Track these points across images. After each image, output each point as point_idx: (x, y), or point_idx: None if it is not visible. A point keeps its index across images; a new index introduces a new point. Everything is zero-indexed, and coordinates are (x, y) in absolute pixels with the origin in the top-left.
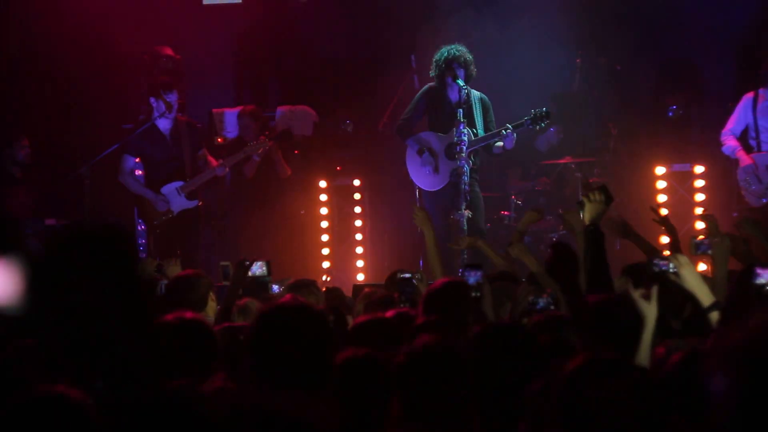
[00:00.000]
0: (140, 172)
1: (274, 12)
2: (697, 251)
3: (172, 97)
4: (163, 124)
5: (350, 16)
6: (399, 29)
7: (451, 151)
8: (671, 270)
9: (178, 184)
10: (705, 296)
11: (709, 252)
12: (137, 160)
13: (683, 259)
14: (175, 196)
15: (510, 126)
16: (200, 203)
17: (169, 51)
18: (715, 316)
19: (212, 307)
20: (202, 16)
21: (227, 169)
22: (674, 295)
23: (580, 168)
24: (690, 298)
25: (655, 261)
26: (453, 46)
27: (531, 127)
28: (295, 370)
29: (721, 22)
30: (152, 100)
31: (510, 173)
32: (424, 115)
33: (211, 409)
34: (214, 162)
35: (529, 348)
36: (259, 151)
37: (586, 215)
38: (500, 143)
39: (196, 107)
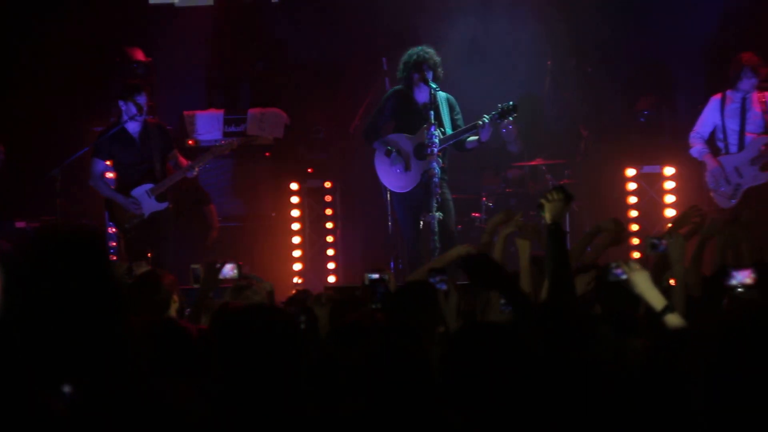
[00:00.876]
0: (111, 175)
1: (246, 14)
2: (653, 251)
3: (142, 100)
4: (133, 127)
5: (322, 19)
6: (370, 32)
7: (421, 151)
8: (623, 277)
9: (149, 186)
10: (656, 301)
11: (665, 251)
12: (108, 163)
13: (634, 264)
14: (145, 199)
15: (486, 117)
16: (170, 205)
17: (140, 53)
18: (672, 318)
19: (176, 308)
20: (174, 18)
21: (197, 170)
22: (630, 294)
23: (551, 170)
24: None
25: (611, 268)
26: (421, 48)
27: (499, 120)
28: (263, 374)
29: (690, 25)
30: (122, 102)
31: (483, 175)
32: (391, 118)
33: (183, 410)
34: (185, 163)
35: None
36: (226, 152)
37: (547, 215)
38: (474, 137)
39: (168, 109)
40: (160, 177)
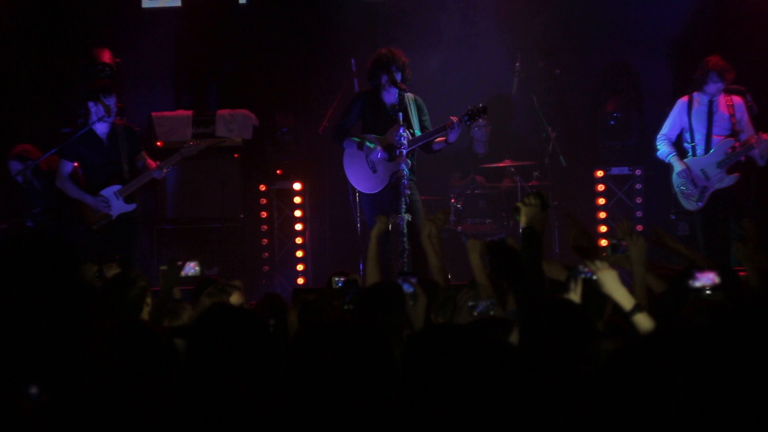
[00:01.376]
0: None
1: (214, 16)
2: (614, 252)
3: (111, 101)
4: (101, 128)
5: (290, 20)
6: (339, 33)
7: (390, 152)
8: (593, 277)
9: (116, 187)
10: (625, 300)
11: (625, 252)
12: (75, 164)
13: (600, 264)
14: (113, 200)
15: (455, 121)
16: (139, 207)
17: (107, 54)
18: (640, 318)
19: (148, 310)
20: (142, 19)
21: (165, 172)
22: (597, 297)
23: (519, 171)
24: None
25: (579, 268)
26: (389, 49)
27: (469, 122)
28: (232, 374)
29: (657, 27)
30: (91, 104)
31: (450, 177)
32: (359, 119)
33: (148, 411)
34: (153, 165)
35: (462, 349)
36: (195, 153)
37: (522, 219)
38: (442, 138)
39: (136, 111)
40: (128, 178)
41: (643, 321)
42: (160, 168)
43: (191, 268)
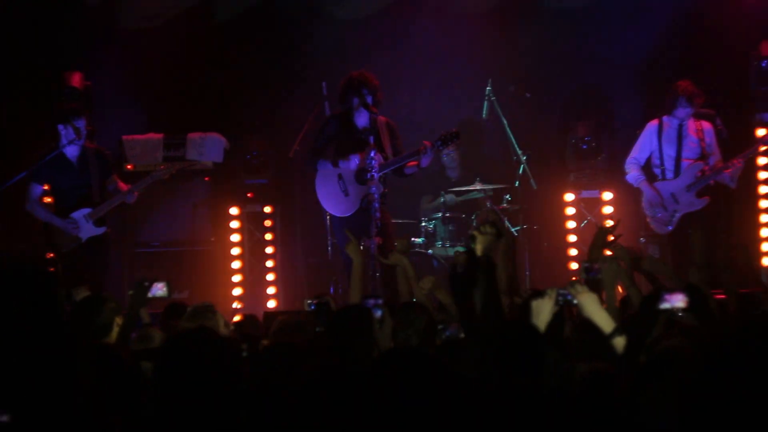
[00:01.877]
0: (49, 200)
1: (186, 39)
2: (587, 275)
3: (81, 124)
4: (72, 151)
5: (262, 43)
6: (310, 56)
7: (362, 176)
8: (574, 301)
9: (87, 211)
10: (605, 323)
11: (599, 276)
12: (45, 187)
13: (581, 287)
14: (83, 223)
15: (427, 146)
16: (109, 230)
17: (78, 77)
18: (620, 341)
19: (117, 333)
20: (113, 41)
21: (136, 195)
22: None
23: (490, 195)
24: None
25: (560, 291)
26: (361, 72)
27: (441, 147)
28: (201, 400)
29: (627, 51)
30: (61, 127)
31: (422, 200)
32: (331, 142)
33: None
34: (125, 188)
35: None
36: (166, 177)
37: (478, 247)
38: (414, 163)
39: (107, 134)
40: (98, 202)
41: (622, 344)
42: (131, 191)
43: (158, 289)
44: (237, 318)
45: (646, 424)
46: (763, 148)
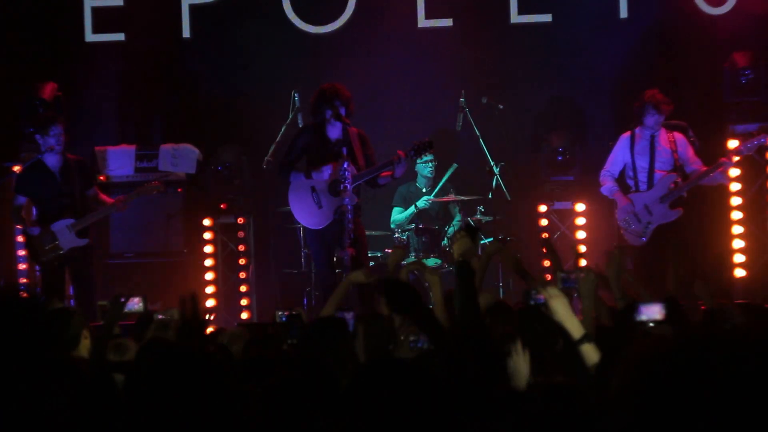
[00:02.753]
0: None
1: (158, 49)
2: (563, 285)
3: (57, 131)
4: (52, 161)
5: (233, 53)
6: (282, 66)
7: (335, 188)
8: (543, 302)
9: (69, 221)
10: (574, 329)
11: (575, 286)
12: (26, 198)
13: (553, 291)
14: (65, 234)
15: (401, 154)
16: (90, 242)
17: (50, 89)
18: (588, 349)
19: (86, 345)
20: (85, 52)
21: (125, 208)
22: (549, 327)
23: (463, 206)
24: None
25: (532, 294)
26: (333, 84)
27: (415, 157)
28: (177, 414)
29: (600, 62)
30: (38, 136)
31: (393, 212)
32: (303, 153)
33: None
34: (108, 200)
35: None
36: (154, 193)
37: (455, 252)
38: (388, 172)
39: (79, 145)
40: (80, 212)
41: (590, 352)
42: (123, 204)
43: (135, 304)
44: (210, 330)
45: None
46: (736, 159)
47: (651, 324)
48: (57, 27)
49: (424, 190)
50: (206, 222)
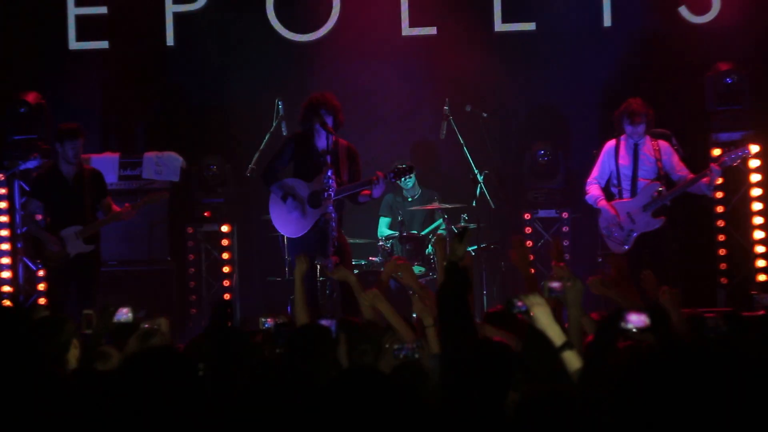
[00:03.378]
0: (40, 217)
1: (142, 57)
2: (549, 294)
3: (77, 144)
4: (67, 169)
5: (217, 61)
6: (266, 75)
7: (315, 199)
8: (526, 310)
9: (77, 228)
10: (556, 336)
11: (562, 295)
12: (40, 203)
13: (535, 298)
14: (72, 240)
15: (380, 176)
16: (96, 248)
17: (33, 96)
18: (569, 356)
19: (74, 354)
20: (68, 60)
21: (135, 214)
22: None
23: (448, 215)
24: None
25: (514, 301)
26: (322, 93)
27: (394, 180)
28: (156, 419)
29: (585, 70)
30: (57, 145)
31: (380, 220)
32: (290, 162)
33: None
34: (117, 209)
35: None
36: (158, 201)
37: (449, 254)
38: (367, 191)
39: (65, 148)
40: (90, 220)
41: (572, 359)
42: (129, 212)
43: (123, 314)
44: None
45: None
46: (715, 165)
47: (633, 329)
48: (41, 35)
49: (409, 200)
50: (190, 230)
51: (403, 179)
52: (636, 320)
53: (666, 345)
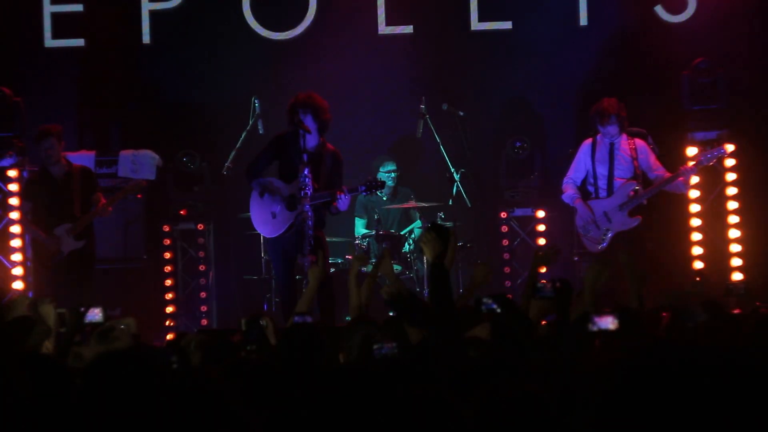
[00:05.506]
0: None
1: (118, 55)
2: (539, 294)
3: (45, 145)
4: (55, 169)
5: (193, 59)
6: (242, 73)
7: (292, 202)
8: (497, 309)
9: (68, 226)
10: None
11: (550, 296)
12: (30, 203)
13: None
14: (65, 238)
15: (345, 190)
16: (87, 243)
17: (8, 93)
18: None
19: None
20: (44, 58)
21: (110, 210)
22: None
23: (423, 212)
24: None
25: (484, 300)
26: (309, 93)
27: (365, 192)
28: (130, 415)
29: (561, 69)
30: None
31: (357, 217)
32: (273, 162)
33: None
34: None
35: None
36: (136, 192)
37: (427, 255)
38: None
39: (38, 150)
40: (79, 217)
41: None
42: (105, 208)
43: (95, 315)
44: (170, 336)
45: None
46: (691, 164)
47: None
48: (16, 32)
49: (384, 199)
50: (166, 228)
51: (379, 192)
52: (604, 322)
53: (637, 345)
